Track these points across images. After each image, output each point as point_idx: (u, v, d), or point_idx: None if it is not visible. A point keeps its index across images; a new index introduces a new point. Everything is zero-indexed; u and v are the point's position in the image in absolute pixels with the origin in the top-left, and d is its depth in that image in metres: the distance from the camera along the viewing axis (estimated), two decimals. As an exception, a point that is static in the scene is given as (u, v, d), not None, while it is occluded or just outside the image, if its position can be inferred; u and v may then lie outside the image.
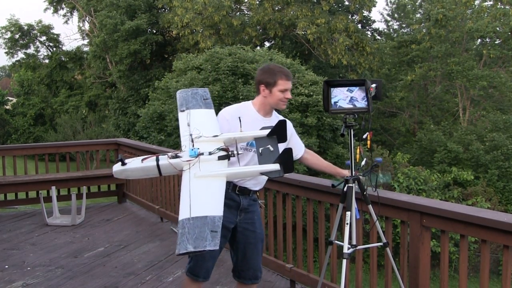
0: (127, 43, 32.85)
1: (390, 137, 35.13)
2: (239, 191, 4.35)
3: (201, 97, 4.23)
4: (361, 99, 4.22)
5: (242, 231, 4.43)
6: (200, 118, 4.02)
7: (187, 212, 3.09)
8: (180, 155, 3.56)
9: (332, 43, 30.40)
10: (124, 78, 34.64)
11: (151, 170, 3.63)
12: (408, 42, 35.37)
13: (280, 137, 3.68)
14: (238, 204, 4.36)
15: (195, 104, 4.16)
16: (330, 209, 5.23)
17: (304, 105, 19.95)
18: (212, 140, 3.71)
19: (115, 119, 34.91)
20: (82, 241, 7.94)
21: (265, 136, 3.67)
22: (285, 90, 4.27)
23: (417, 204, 4.36)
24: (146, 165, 3.61)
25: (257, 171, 3.50)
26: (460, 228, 4.07)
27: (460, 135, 27.78)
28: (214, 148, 3.55)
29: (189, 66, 22.15)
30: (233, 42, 30.13)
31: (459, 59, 31.02)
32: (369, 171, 4.30)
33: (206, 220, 3.02)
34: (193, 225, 2.99)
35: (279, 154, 3.46)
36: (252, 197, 4.45)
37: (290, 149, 3.43)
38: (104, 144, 11.68)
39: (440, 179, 23.87)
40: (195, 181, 3.34)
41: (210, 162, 3.47)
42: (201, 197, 3.23)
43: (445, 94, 36.31)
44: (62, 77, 44.20)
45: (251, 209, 4.45)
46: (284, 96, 4.28)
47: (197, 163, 3.44)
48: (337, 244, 4.54)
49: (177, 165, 3.53)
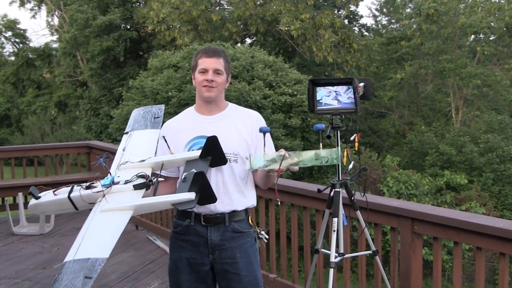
0: (99, 39, 32.71)
1: (378, 139, 35.19)
2: (205, 221, 3.68)
3: (152, 116, 4.02)
4: (348, 99, 4.23)
5: (221, 273, 3.73)
6: (139, 140, 3.83)
7: (73, 253, 2.86)
8: (95, 185, 3.26)
9: (317, 40, 30.41)
10: (96, 76, 34.50)
11: (64, 204, 3.33)
12: (397, 38, 35.41)
13: (216, 157, 3.44)
14: (205, 240, 3.69)
15: (141, 125, 3.96)
16: (316, 215, 5.24)
17: (287, 105, 19.93)
18: (137, 166, 3.46)
19: (86, 120, 34.75)
20: (51, 251, 7.91)
21: (198, 158, 3.44)
22: (204, 70, 3.67)
23: (408, 210, 4.39)
24: (58, 198, 3.33)
25: (168, 202, 3.17)
26: (454, 234, 4.09)
27: (453, 137, 27.85)
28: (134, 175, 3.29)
29: (166, 64, 22.09)
30: (212, 38, 30.09)
31: (452, 56, 31.08)
32: (357, 174, 4.31)
33: (86, 264, 2.75)
34: (71, 269, 2.74)
35: (191, 180, 3.13)
36: (231, 227, 3.70)
37: (201, 172, 3.13)
38: (74, 147, 11.67)
39: (432, 183, 23.93)
40: (97, 216, 3.08)
41: (125, 193, 3.20)
42: (94, 235, 2.97)
43: (437, 94, 36.42)
44: (29, 75, 43.99)
45: (230, 244, 3.70)
46: (204, 78, 3.67)
47: (108, 194, 3.19)
48: (324, 252, 4.55)
49: (87, 198, 3.24)
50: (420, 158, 28.53)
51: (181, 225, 3.75)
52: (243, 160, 3.63)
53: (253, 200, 3.85)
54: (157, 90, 19.66)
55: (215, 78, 3.67)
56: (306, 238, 5.66)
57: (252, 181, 3.83)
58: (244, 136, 3.70)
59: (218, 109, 3.79)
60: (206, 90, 3.67)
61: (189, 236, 3.70)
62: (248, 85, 19.11)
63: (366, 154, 24.01)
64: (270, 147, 3.64)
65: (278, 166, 3.30)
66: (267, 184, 3.76)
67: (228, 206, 3.67)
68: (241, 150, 3.66)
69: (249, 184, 3.79)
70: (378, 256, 4.51)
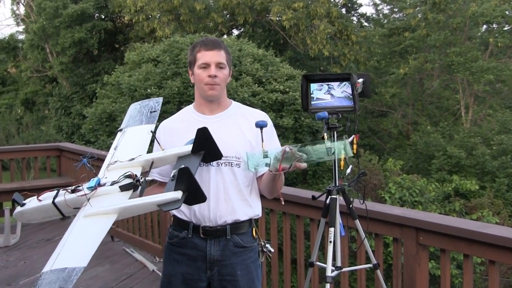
0: (71, 30, 32.53)
1: (379, 140, 35.23)
2: (205, 234, 3.64)
3: (148, 110, 3.97)
4: (345, 96, 4.23)
5: None
6: (131, 138, 3.80)
7: (51, 262, 2.79)
8: (80, 188, 3.22)
9: (311, 31, 30.39)
10: (67, 71, 34.35)
11: (49, 211, 3.29)
12: (400, 29, 35.45)
13: (209, 151, 3.40)
14: (204, 254, 3.65)
15: (136, 121, 3.92)
16: (311, 224, 5.24)
17: (279, 104, 19.93)
18: (126, 165, 3.42)
19: (56, 120, 34.63)
20: (17, 266, 7.88)
21: (190, 153, 3.40)
22: (205, 64, 3.59)
23: (412, 219, 4.39)
24: (43, 204, 3.28)
25: (153, 203, 3.05)
26: (464, 246, 4.09)
27: (462, 138, 27.85)
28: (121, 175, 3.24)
29: (144, 58, 22.05)
30: (195, 29, 30.07)
31: (461, 48, 31.07)
32: (356, 180, 4.31)
33: (63, 274, 2.68)
34: (46, 280, 2.67)
35: (177, 177, 3.02)
36: (233, 241, 3.65)
37: (186, 168, 2.99)
38: (43, 150, 11.63)
39: (439, 189, 23.91)
40: (80, 222, 3.05)
41: (111, 195, 3.17)
42: (74, 242, 2.93)
43: (444, 90, 36.44)
44: (-8, 70, 43.92)
45: (231, 260, 3.64)
46: (207, 75, 3.59)
47: (94, 197, 3.14)
48: (319, 266, 4.56)
49: (72, 203, 3.21)
50: (425, 162, 28.55)
51: (177, 236, 3.72)
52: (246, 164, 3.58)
53: (258, 210, 3.79)
54: (135, 86, 19.60)
55: (218, 73, 3.61)
56: (299, 250, 5.65)
57: (257, 190, 3.79)
58: (248, 137, 3.65)
59: (220, 107, 3.76)
60: (209, 88, 3.62)
61: (186, 249, 3.67)
62: (235, 81, 19.09)
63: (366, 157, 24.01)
64: (271, 143, 3.57)
65: (279, 164, 3.21)
66: (272, 191, 3.67)
67: (230, 215, 3.61)
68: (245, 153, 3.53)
69: (253, 192, 3.76)
70: (379, 270, 4.52)
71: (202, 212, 3.59)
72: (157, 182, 3.83)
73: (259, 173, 3.72)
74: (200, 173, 3.52)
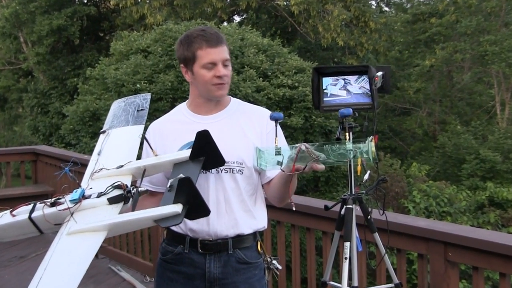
0: (48, 16, 32.51)
1: (402, 142, 35.26)
2: (203, 248, 3.58)
3: (135, 108, 3.91)
4: (363, 92, 4.23)
5: None
6: (117, 141, 3.74)
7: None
8: (61, 201, 3.14)
9: (323, 17, 30.37)
10: (44, 64, 34.36)
11: (25, 227, 3.22)
12: (426, 14, 35.45)
13: (210, 157, 3.33)
14: (203, 272, 3.60)
15: (121, 121, 3.84)
16: (323, 238, 5.25)
17: (286, 100, 19.91)
18: (114, 173, 3.36)
19: (32, 119, 34.63)
20: (-13, 286, 7.91)
21: (188, 159, 3.33)
22: (212, 63, 3.50)
23: (440, 232, 4.40)
24: (17, 219, 3.21)
25: (149, 218, 2.96)
26: (499, 264, 4.09)
27: (498, 139, 27.83)
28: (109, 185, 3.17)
29: (133, 49, 22.04)
30: (191, 16, 30.09)
31: (496, 36, 31.01)
32: (374, 187, 4.30)
33: None
34: None
35: (176, 188, 2.96)
36: (236, 256, 3.59)
37: (187, 178, 2.93)
38: (17, 154, 11.66)
39: (470, 198, 23.91)
40: (63, 241, 2.96)
41: (98, 209, 3.09)
42: (58, 265, 2.84)
43: (477, 84, 36.43)
44: (-43, 63, 44.00)
45: (233, 278, 3.59)
46: (214, 75, 3.51)
47: (78, 211, 3.06)
48: (333, 285, 4.56)
49: (52, 218, 3.13)
50: (455, 167, 28.53)
51: (172, 252, 3.67)
52: (250, 170, 3.56)
53: (264, 221, 3.74)
54: (122, 81, 19.54)
55: (225, 71, 3.56)
56: (310, 267, 5.67)
57: (263, 198, 3.75)
58: (251, 139, 3.59)
59: (218, 106, 3.71)
60: (217, 88, 3.56)
61: (181, 266, 3.63)
62: (237, 74, 19.09)
63: (386, 161, 24.04)
64: (282, 139, 3.48)
65: (293, 163, 3.12)
66: (283, 197, 3.61)
67: (232, 228, 3.55)
68: (248, 158, 3.54)
69: (259, 201, 3.71)
70: (402, 290, 4.53)
71: (200, 226, 3.53)
72: (148, 192, 3.75)
73: (267, 178, 3.66)
74: (197, 181, 3.30)
